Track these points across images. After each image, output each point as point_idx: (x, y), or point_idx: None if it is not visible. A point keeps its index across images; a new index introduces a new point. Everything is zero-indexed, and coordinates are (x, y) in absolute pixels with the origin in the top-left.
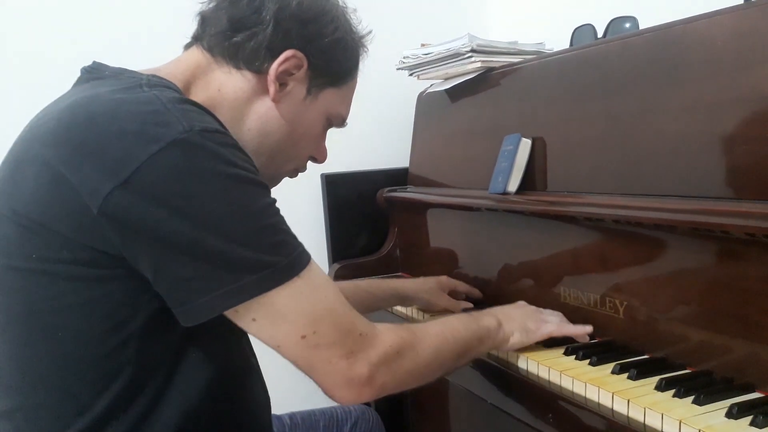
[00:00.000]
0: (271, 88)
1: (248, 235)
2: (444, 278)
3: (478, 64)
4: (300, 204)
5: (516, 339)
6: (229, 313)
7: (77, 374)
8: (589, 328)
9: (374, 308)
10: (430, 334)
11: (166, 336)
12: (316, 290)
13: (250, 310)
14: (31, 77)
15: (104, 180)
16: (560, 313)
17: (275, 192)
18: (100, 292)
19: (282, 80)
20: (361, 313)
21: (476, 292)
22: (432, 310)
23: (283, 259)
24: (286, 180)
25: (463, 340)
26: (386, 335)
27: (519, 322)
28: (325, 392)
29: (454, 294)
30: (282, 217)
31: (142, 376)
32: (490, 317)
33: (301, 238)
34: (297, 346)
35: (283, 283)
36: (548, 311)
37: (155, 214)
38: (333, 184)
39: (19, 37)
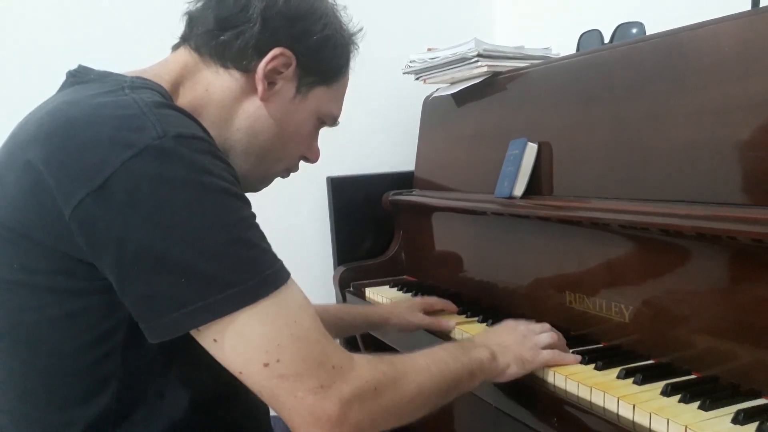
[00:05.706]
0: (259, 87)
1: (217, 248)
2: (418, 299)
3: (485, 69)
4: (306, 207)
5: (513, 371)
6: (192, 332)
7: (62, 387)
8: (578, 358)
9: (343, 334)
10: (414, 368)
11: (150, 348)
12: (285, 314)
13: (212, 330)
14: (18, 82)
15: (79, 186)
16: (547, 324)
17: (279, 195)
18: (80, 304)
19: (270, 79)
20: None
21: (452, 307)
22: (409, 331)
23: (252, 277)
24: (292, 182)
25: (452, 375)
26: (364, 368)
27: (514, 353)
28: (293, 431)
29: (431, 313)
30: (259, 232)
31: (129, 388)
32: (483, 349)
33: (306, 241)
34: (259, 375)
35: (249, 304)
36: (537, 327)
37: (123, 222)
38: (339, 187)
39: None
